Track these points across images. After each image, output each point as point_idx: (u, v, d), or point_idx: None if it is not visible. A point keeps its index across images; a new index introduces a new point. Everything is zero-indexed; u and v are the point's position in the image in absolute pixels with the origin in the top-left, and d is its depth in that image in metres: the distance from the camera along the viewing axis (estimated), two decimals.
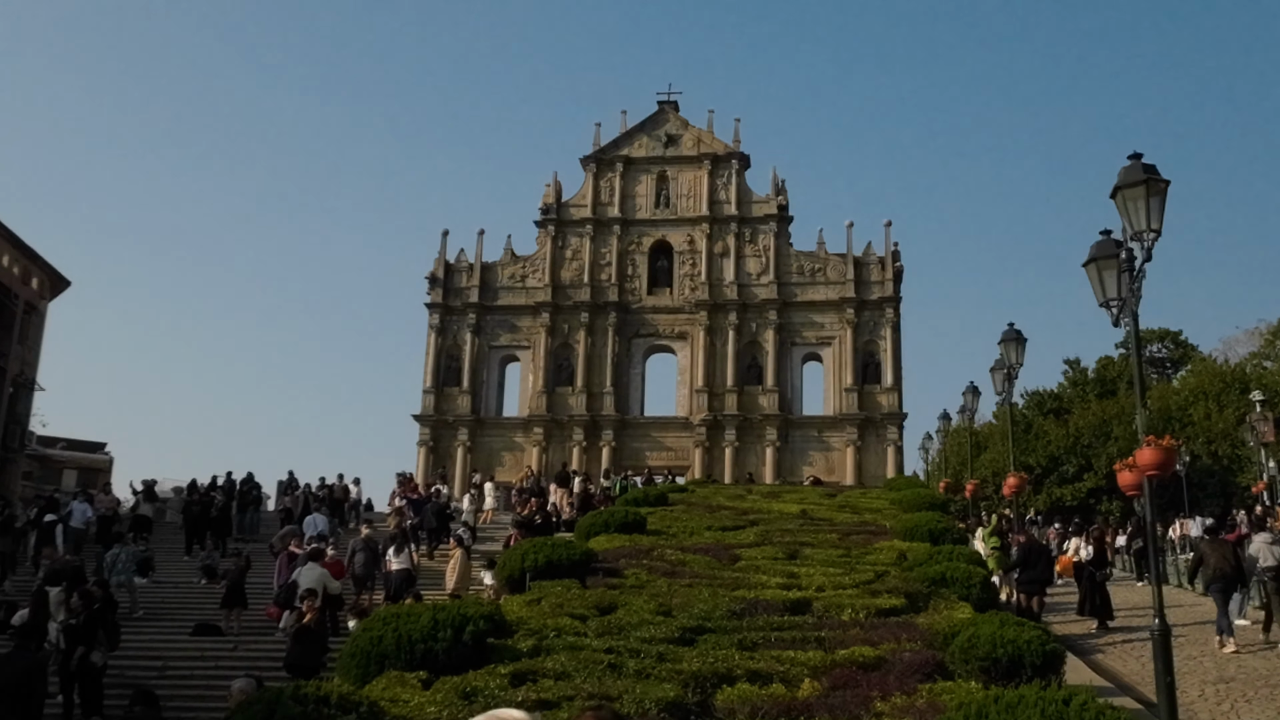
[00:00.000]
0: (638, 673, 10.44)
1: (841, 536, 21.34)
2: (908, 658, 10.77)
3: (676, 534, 21.41)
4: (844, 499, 30.02)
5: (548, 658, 11.15)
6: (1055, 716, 7.47)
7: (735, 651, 11.31)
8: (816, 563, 17.75)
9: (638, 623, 12.85)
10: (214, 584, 21.76)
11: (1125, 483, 14.04)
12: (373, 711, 9.04)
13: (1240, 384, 56.27)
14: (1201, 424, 53.36)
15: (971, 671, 10.41)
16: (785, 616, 13.36)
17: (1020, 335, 23.46)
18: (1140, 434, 11.86)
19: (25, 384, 42.94)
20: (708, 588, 15.18)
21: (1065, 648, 12.79)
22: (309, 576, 18.10)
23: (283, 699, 9.07)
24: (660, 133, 53.48)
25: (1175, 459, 13.28)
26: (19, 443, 42.60)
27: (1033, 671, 10.30)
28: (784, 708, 9.28)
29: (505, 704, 9.50)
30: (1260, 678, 13.45)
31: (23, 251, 42.40)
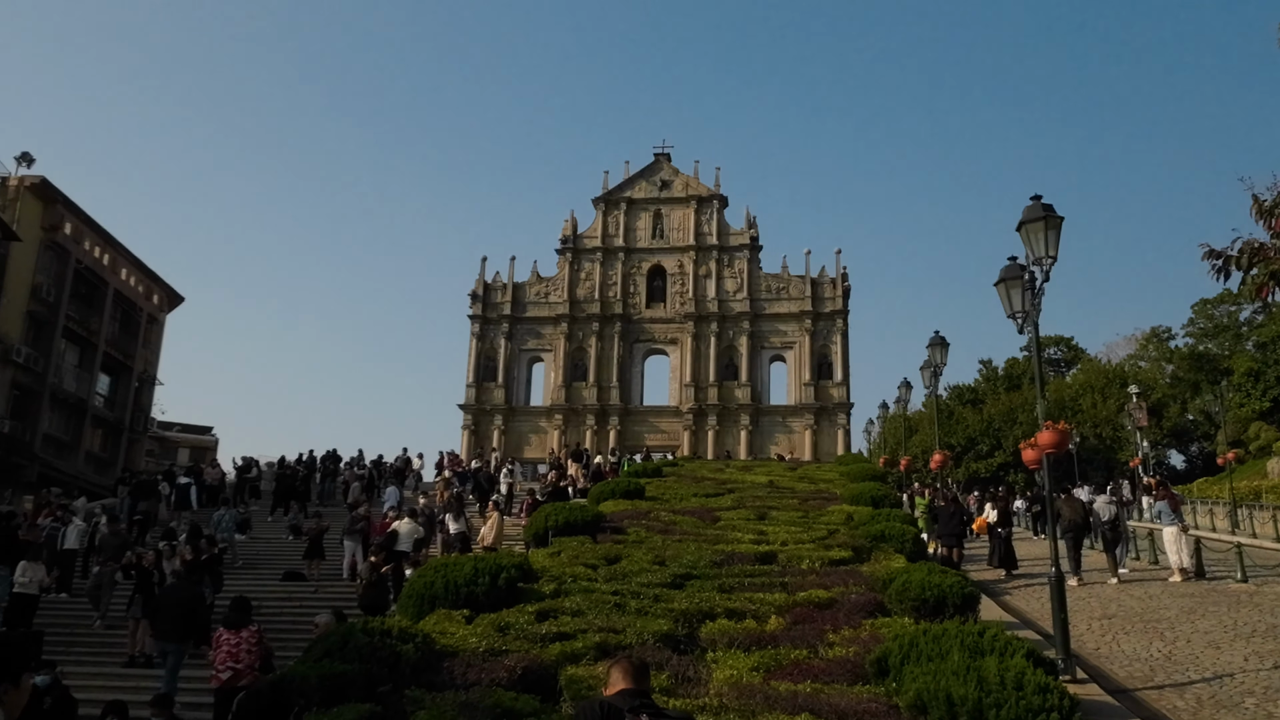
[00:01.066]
0: (638, 610, 10.43)
1: (801, 502, 21.32)
2: (854, 599, 10.76)
3: (669, 500, 21.39)
4: (803, 472, 29.99)
5: (566, 599, 11.14)
6: (972, 645, 7.42)
7: (716, 594, 11.30)
8: (781, 523, 17.71)
9: (638, 570, 12.82)
10: (299, 540, 21.69)
11: (1028, 459, 13.96)
12: (426, 641, 9.00)
13: (1120, 379, 56.38)
14: (1089, 412, 53.41)
15: (905, 609, 10.39)
16: (756, 566, 13.36)
17: (944, 340, 23.42)
18: (1040, 420, 11.81)
19: (148, 380, 42.97)
20: (694, 543, 15.15)
21: (980, 591, 12.75)
22: (406, 532, 18.22)
23: (355, 631, 9.05)
24: (656, 179, 53.43)
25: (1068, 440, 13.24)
26: (143, 426, 42.65)
27: (954, 610, 10.26)
28: (755, 639, 9.26)
29: (533, 637, 9.46)
30: (1135, 615, 13.45)
31: (146, 274, 42.44)
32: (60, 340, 35.44)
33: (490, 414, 49.93)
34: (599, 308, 50.79)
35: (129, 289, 41.01)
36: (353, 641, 8.62)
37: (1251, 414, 48.11)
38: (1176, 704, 8.79)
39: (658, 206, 52.90)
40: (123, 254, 40.34)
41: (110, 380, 40.31)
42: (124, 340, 40.88)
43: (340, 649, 8.47)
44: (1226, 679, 9.53)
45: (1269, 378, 48.40)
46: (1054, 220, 10.88)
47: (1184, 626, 12.27)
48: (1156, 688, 9.40)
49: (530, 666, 8.27)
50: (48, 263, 35.00)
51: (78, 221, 36.54)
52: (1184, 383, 59.26)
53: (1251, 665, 10.01)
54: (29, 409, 33.56)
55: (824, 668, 8.05)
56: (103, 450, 39.28)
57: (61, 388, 35.49)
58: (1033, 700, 6.39)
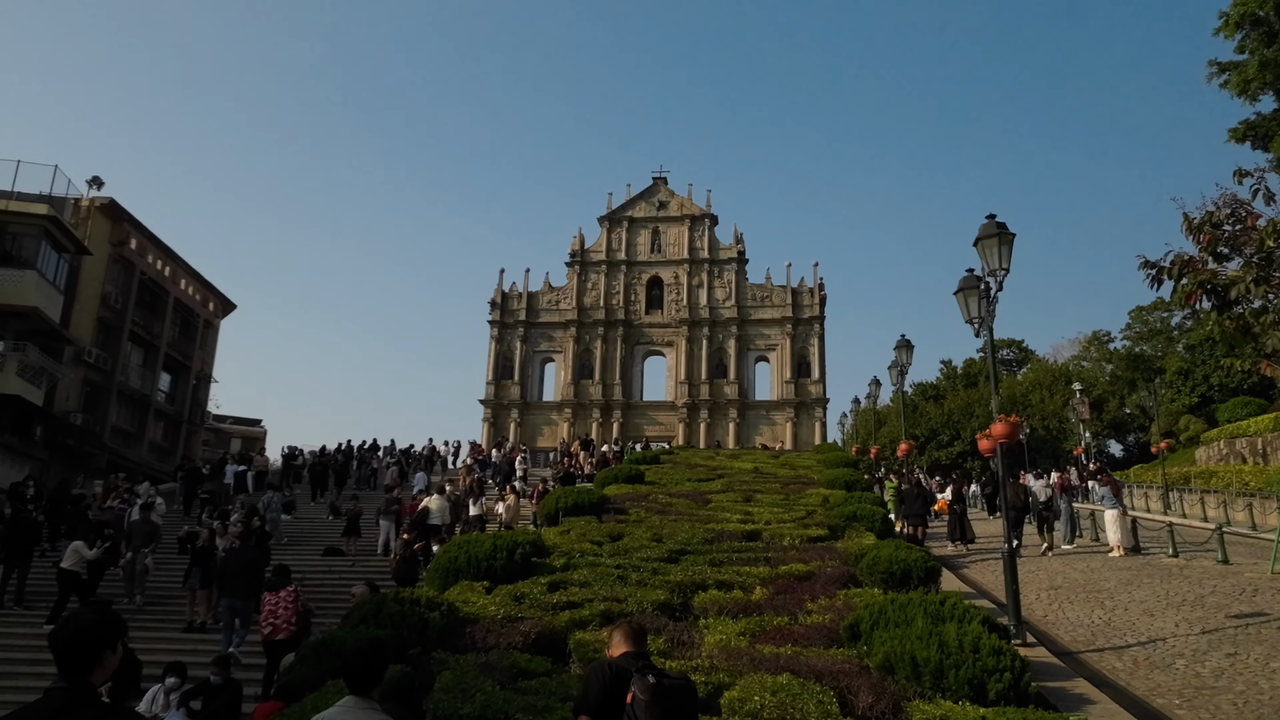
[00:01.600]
0: (638, 582, 10.45)
1: (782, 486, 21.34)
2: (830, 572, 10.78)
3: (665, 484, 21.41)
4: (784, 460, 30.02)
5: (574, 571, 11.16)
6: (934, 613, 7.43)
7: (707, 567, 11.32)
8: (765, 504, 17.74)
9: (638, 547, 12.84)
10: (338, 519, 21.69)
11: (984, 447, 13.99)
12: (451, 610, 9.02)
13: (1065, 378, 56.37)
14: (1037, 406, 53.33)
15: (875, 581, 10.42)
16: (742, 542, 13.38)
17: (909, 343, 23.47)
18: (994, 413, 11.82)
19: (204, 378, 42.93)
20: (688, 522, 15.18)
21: (941, 565, 12.78)
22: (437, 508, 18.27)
23: (388, 600, 9.09)
24: (654, 200, 53.38)
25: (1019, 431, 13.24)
26: (200, 419, 42.65)
27: (918, 581, 10.29)
28: (742, 607, 9.27)
29: (545, 605, 9.48)
30: (1078, 586, 13.45)
31: (202, 284, 42.42)
32: (127, 343, 35.43)
33: (507, 408, 49.94)
34: (604, 314, 50.79)
35: (187, 297, 41.00)
36: (385, 609, 8.64)
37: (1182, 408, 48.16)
38: (1115, 665, 8.81)
39: (656, 224, 52.94)
40: (182, 266, 40.33)
41: (171, 378, 40.30)
42: (183, 343, 40.88)
43: (375, 616, 8.50)
44: (1159, 642, 9.55)
45: (1197, 376, 48.44)
46: (1006, 236, 10.89)
47: (1122, 596, 12.29)
48: (1097, 650, 9.43)
49: (543, 632, 8.30)
50: (116, 274, 35.01)
51: (142, 237, 36.52)
52: (1122, 380, 59.31)
53: (1181, 630, 10.03)
54: (99, 404, 33.60)
55: (803, 633, 8.07)
56: (164, 440, 39.28)
57: (128, 385, 35.49)
58: (988, 661, 6.41)
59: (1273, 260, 13.42)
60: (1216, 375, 46.48)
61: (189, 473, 25.42)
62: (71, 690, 2.83)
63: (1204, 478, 29.41)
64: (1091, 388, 52.85)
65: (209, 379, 43.56)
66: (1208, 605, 11.25)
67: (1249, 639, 9.39)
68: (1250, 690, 7.63)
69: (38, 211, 28.12)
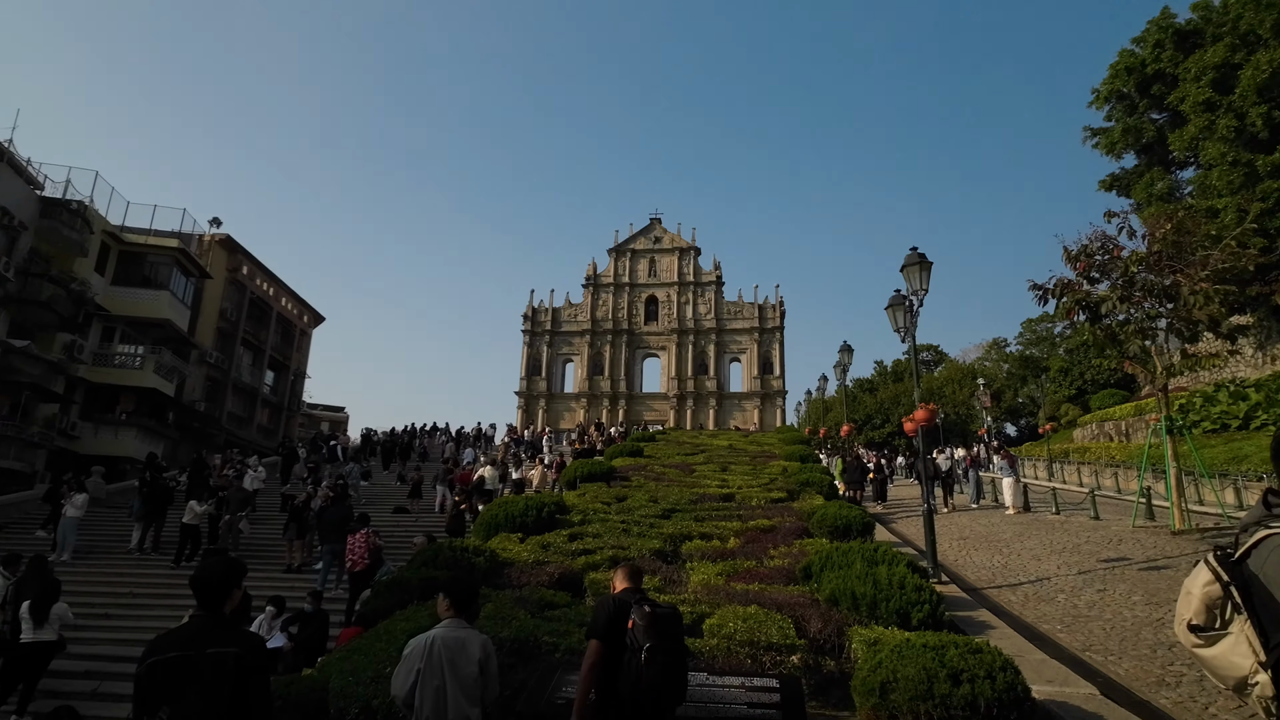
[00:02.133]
0: (639, 534, 10.44)
1: (751, 459, 21.30)
2: (788, 526, 10.77)
3: (660, 457, 21.38)
4: (753, 438, 29.94)
5: (589, 525, 11.15)
6: (869, 558, 7.42)
7: (692, 522, 11.30)
8: (737, 473, 17.72)
9: (638, 506, 12.82)
10: (404, 485, 21.67)
11: (908, 429, 13.92)
12: (492, 555, 9.02)
13: (972, 374, 56.20)
14: (950, 396, 53.17)
15: (823, 533, 10.40)
16: (720, 503, 13.36)
17: (850, 347, 23.58)
18: (916, 402, 11.80)
19: (299, 374, 42.81)
20: (677, 487, 15.16)
21: (875, 520, 12.76)
22: (490, 476, 18.48)
23: (443, 548, 9.08)
24: (651, 236, 53.29)
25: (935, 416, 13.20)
26: (296, 407, 42.53)
27: (857, 533, 10.28)
28: (719, 553, 9.26)
29: (565, 552, 9.48)
30: (982, 537, 13.45)
31: (298, 300, 42.33)
32: (239, 348, 35.36)
33: (536, 398, 49.92)
34: (611, 325, 50.80)
35: (287, 311, 40.91)
36: (441, 555, 8.64)
37: (1062, 398, 47.99)
38: (1010, 598, 8.80)
39: (652, 255, 52.88)
40: (282, 287, 40.25)
41: (274, 375, 40.18)
42: (283, 347, 40.78)
43: (432, 560, 8.49)
44: (1045, 581, 9.55)
45: (1074, 373, 48.30)
46: (925, 264, 10.90)
47: (1016, 545, 12.30)
48: (997, 587, 9.42)
49: (564, 573, 8.29)
50: (230, 294, 34.93)
51: (251, 264, 36.47)
52: (1016, 376, 59.15)
53: (1061, 571, 10.03)
54: (217, 394, 33.54)
55: (767, 573, 8.07)
56: (268, 423, 39.18)
57: (240, 380, 35.41)
58: (911, 596, 6.41)
59: (1134, 283, 13.42)
60: (1090, 372, 46.42)
61: (287, 451, 25.42)
62: (208, 617, 3.07)
63: (1080, 452, 29.38)
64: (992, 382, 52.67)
65: (303, 375, 43.44)
66: (1083, 552, 11.26)
67: (1114, 578, 9.39)
68: (1115, 618, 7.64)
69: (170, 245, 28.18)
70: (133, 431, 25.58)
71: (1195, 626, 2.33)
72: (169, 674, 2.89)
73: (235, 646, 2.97)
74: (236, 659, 2.93)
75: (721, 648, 5.63)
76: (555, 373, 51.20)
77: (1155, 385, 13.71)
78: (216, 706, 2.86)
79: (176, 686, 2.87)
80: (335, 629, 9.20)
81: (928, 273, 10.91)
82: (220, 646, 2.94)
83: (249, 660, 2.97)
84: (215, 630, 3.02)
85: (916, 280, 10.88)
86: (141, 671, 2.93)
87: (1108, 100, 34.53)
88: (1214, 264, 12.51)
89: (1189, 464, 15.91)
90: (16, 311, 22.57)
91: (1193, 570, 2.42)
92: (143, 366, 26.40)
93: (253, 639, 3.21)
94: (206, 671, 2.88)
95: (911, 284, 10.97)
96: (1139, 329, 13.55)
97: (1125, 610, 7.89)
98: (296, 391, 42.51)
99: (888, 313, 11.76)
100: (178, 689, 2.86)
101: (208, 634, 2.99)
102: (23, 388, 22.31)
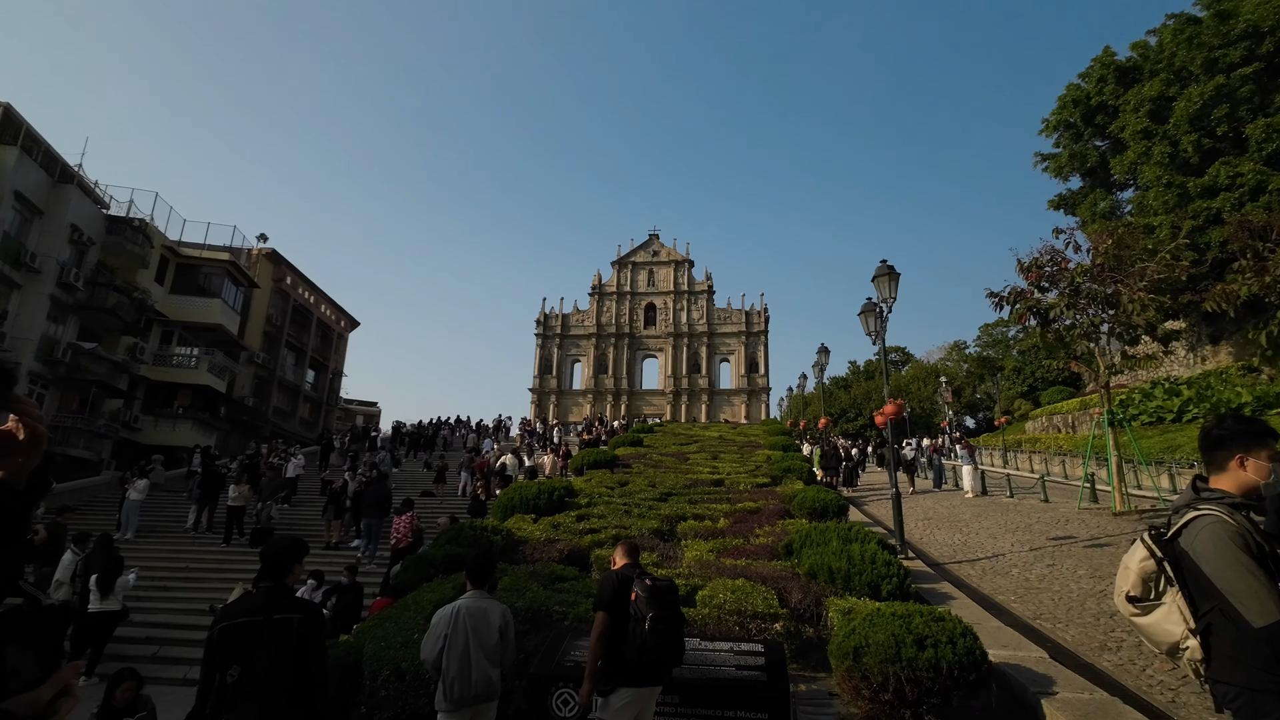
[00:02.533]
0: (639, 515, 10.43)
1: (739, 448, 21.29)
2: (772, 507, 10.76)
3: (657, 447, 21.36)
4: (740, 430, 29.92)
5: (594, 507, 11.14)
6: (844, 536, 7.42)
7: (686, 504, 11.29)
8: (726, 461, 17.71)
9: (638, 490, 12.82)
10: (430, 471, 21.64)
11: (879, 421, 13.99)
12: (508, 534, 9.01)
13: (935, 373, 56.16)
14: (916, 393, 53.14)
15: (803, 514, 10.40)
16: (711, 487, 13.36)
17: (827, 348, 23.44)
18: (885, 398, 11.80)
19: (337, 373, 42.77)
20: (672, 473, 15.15)
21: (849, 502, 12.77)
22: (509, 463, 18.21)
23: (465, 528, 9.07)
24: (650, 250, 53.22)
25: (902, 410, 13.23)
26: (334, 402, 42.49)
27: (833, 514, 10.28)
28: (711, 532, 9.25)
29: (574, 531, 9.48)
30: (944, 518, 13.44)
31: (336, 307, 42.31)
32: (283, 349, 35.34)
33: (548, 394, 49.87)
34: (615, 329, 50.74)
35: (326, 317, 40.88)
36: (463, 534, 8.64)
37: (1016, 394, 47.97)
38: (970, 572, 8.80)
39: (651, 267, 52.80)
40: (322, 295, 40.21)
41: (314, 373, 40.12)
42: (323, 349, 40.74)
43: (456, 538, 8.49)
44: (1000, 557, 9.55)
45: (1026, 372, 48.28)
46: (894, 275, 10.87)
47: (974, 525, 12.28)
48: (957, 562, 9.42)
49: (572, 549, 8.29)
50: (276, 301, 34.92)
51: (294, 275, 36.44)
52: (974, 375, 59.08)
53: (1015, 549, 10.03)
54: (264, 391, 33.52)
55: (753, 550, 8.06)
56: (309, 417, 39.13)
57: (284, 378, 35.40)
58: (881, 570, 6.41)
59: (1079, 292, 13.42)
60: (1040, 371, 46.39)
61: (325, 441, 25.41)
62: (274, 587, 3.18)
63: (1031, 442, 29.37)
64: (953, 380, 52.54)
65: (340, 374, 43.38)
66: (1034, 531, 11.25)
67: (1062, 555, 9.39)
68: (1063, 590, 7.64)
69: (222, 258, 28.14)
70: (188, 424, 25.57)
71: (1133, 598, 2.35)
72: (239, 637, 2.96)
73: (298, 614, 3.06)
74: (299, 624, 3.02)
75: (713, 616, 5.63)
76: (565, 371, 51.14)
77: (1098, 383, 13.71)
78: (280, 665, 2.93)
79: (245, 647, 2.94)
80: (370, 599, 9.20)
81: (896, 283, 10.90)
82: (285, 613, 3.03)
83: (309, 626, 3.06)
84: (280, 599, 3.10)
85: (886, 289, 10.87)
86: (214, 635, 3.00)
87: (1056, 129, 34.53)
88: (1150, 275, 12.51)
89: (1128, 453, 15.91)
90: (85, 317, 22.60)
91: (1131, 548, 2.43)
92: (197, 366, 26.40)
93: (312, 608, 3.27)
94: (271, 635, 2.96)
95: (881, 292, 10.96)
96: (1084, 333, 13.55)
97: (1071, 583, 7.89)
98: (334, 388, 42.47)
99: (860, 318, 11.76)
100: (247, 650, 2.94)
101: (274, 602, 3.07)
102: (91, 385, 22.34)
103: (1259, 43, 24.80)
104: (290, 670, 2.94)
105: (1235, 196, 23.49)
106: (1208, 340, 28.96)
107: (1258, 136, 23.85)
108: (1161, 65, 28.29)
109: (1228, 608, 2.13)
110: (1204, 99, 25.43)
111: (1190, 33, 26.92)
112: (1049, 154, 35.19)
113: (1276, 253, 10.03)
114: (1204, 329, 28.85)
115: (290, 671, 2.94)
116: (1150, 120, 27.94)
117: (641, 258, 53.09)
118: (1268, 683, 2.07)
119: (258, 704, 2.88)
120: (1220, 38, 25.52)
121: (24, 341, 20.00)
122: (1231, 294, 13.05)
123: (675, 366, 49.66)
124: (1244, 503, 2.26)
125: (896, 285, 10.91)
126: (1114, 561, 8.68)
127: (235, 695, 2.89)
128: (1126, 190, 32.64)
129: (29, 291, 20.56)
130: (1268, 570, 2.11)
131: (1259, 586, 2.09)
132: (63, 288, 21.44)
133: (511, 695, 4.37)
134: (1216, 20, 26.02)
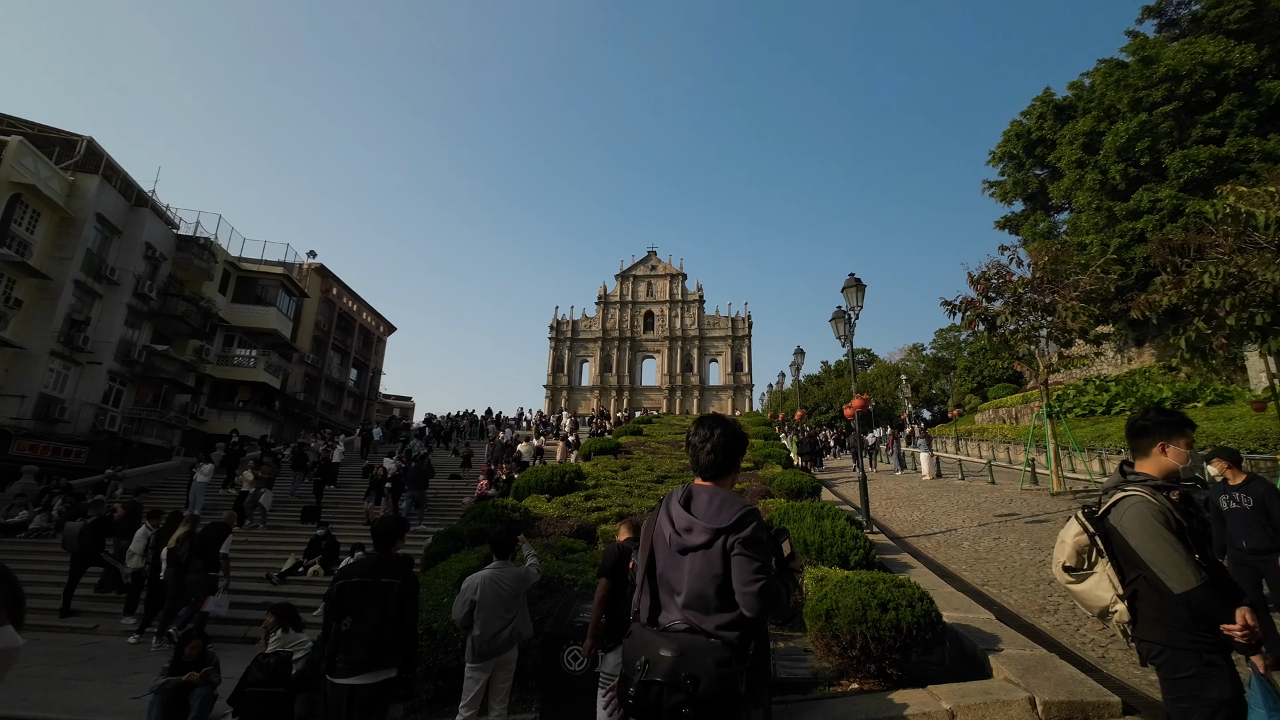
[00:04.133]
0: (639, 495, 10.42)
1: None
2: (755, 488, 10.75)
3: (655, 436, 21.35)
4: None
5: (600, 488, 11.13)
6: (817, 513, 7.40)
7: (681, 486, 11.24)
8: None
9: (639, 473, 12.81)
10: (457, 457, 21.60)
11: (847, 414, 13.94)
12: (526, 511, 8.99)
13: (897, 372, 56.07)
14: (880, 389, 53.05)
15: (782, 494, 10.38)
16: None
17: (802, 351, 23.43)
18: (853, 393, 11.79)
19: (377, 372, 42.70)
20: (669, 459, 15.14)
21: (821, 484, 12.74)
22: (526, 450, 18.16)
23: (488, 505, 9.04)
24: (649, 264, 53.22)
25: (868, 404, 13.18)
26: (374, 397, 42.44)
27: (808, 494, 10.27)
28: None
29: (582, 509, 9.47)
30: (904, 497, 13.42)
31: (375, 314, 42.27)
32: (330, 351, 35.33)
33: (559, 390, 49.87)
34: (618, 334, 50.72)
35: (367, 323, 40.86)
36: (486, 511, 8.62)
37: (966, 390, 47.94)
38: (926, 545, 8.79)
39: (650, 279, 52.80)
40: (363, 304, 40.19)
41: (356, 372, 40.10)
42: (364, 350, 40.72)
43: (479, 515, 8.47)
44: (952, 531, 9.54)
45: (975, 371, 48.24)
46: (860, 286, 10.86)
47: (930, 504, 12.27)
48: (915, 536, 9.41)
49: (581, 525, 8.28)
50: (323, 309, 34.91)
51: (340, 286, 36.46)
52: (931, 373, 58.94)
53: (966, 525, 10.02)
54: (313, 388, 33.52)
55: None
56: (353, 410, 39.14)
57: (330, 376, 35.39)
58: (850, 543, 6.40)
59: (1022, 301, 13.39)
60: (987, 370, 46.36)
61: (366, 432, 25.40)
62: (382, 555, 3.39)
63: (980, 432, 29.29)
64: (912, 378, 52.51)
65: (380, 372, 43.31)
66: (982, 509, 11.24)
67: (1007, 529, 9.38)
68: (1008, 560, 7.63)
69: (276, 271, 28.19)
70: (248, 416, 25.59)
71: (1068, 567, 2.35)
72: (353, 594, 3.19)
73: (399, 579, 3.29)
74: (400, 587, 3.25)
75: None
76: (574, 370, 51.15)
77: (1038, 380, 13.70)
78: (385, 619, 3.17)
79: (356, 603, 3.18)
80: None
81: (862, 293, 10.89)
82: (390, 577, 3.26)
83: (407, 589, 3.28)
84: (386, 565, 3.31)
85: (854, 298, 10.86)
86: (333, 591, 3.25)
87: (1001, 159, 34.53)
88: (1083, 287, 12.51)
89: (1064, 441, 15.89)
90: (158, 323, 22.63)
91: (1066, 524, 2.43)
92: (255, 365, 26.42)
93: (411, 574, 3.45)
94: (377, 594, 3.19)
95: (849, 301, 10.95)
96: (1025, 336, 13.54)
97: (1015, 554, 7.89)
98: (374, 385, 42.42)
99: (831, 324, 11.75)
100: (357, 605, 3.17)
101: (381, 567, 3.29)
102: (163, 382, 22.35)
103: (1178, 85, 24.82)
104: (391, 623, 3.16)
105: (1156, 218, 23.50)
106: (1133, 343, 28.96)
107: (1175, 166, 23.86)
108: (1093, 104, 28.31)
109: (1151, 576, 2.13)
110: (1129, 134, 25.46)
111: (1118, 75, 26.98)
112: (995, 181, 35.17)
113: (1193, 267, 10.03)
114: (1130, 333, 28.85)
115: (391, 624, 3.16)
116: (1083, 152, 27.95)
117: (641, 271, 53.08)
118: (1186, 640, 2.07)
119: (366, 649, 3.12)
120: (1144, 80, 25.56)
121: (105, 344, 20.05)
122: (1154, 303, 13.03)
123: (671, 366, 49.66)
124: (1165, 484, 2.26)
125: (863, 295, 10.90)
126: (1052, 536, 8.67)
127: (348, 641, 3.14)
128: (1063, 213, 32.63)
129: (109, 301, 20.58)
130: (1186, 544, 2.11)
131: (1178, 558, 2.09)
132: (138, 297, 21.46)
133: (529, 651, 4.37)
134: (1141, 65, 26.08)
